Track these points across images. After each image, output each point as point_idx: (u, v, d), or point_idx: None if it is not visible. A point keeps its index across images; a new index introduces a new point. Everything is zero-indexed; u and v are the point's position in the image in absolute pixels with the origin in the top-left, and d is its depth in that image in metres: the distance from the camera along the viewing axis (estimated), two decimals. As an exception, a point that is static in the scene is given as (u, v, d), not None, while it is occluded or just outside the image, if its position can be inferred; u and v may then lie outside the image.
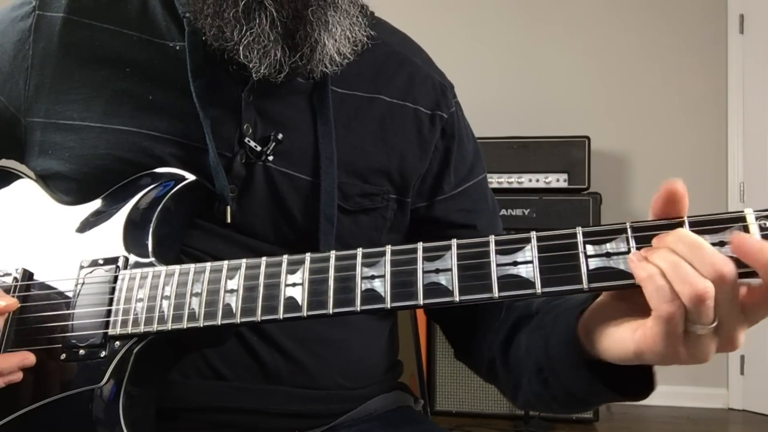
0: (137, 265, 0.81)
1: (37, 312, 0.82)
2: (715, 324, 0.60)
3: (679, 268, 0.59)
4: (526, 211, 3.29)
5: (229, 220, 0.88)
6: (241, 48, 0.84)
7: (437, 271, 0.68)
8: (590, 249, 0.64)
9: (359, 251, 0.71)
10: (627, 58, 3.98)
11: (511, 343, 0.87)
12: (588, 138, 3.39)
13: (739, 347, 0.62)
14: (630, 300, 0.66)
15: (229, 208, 0.88)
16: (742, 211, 0.61)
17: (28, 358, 0.78)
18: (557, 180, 3.37)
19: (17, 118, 0.93)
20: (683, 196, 0.63)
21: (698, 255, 0.59)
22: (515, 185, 3.39)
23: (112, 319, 0.78)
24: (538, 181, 3.37)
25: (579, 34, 4.03)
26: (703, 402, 3.77)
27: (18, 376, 0.78)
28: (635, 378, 0.72)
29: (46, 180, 0.94)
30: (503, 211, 3.30)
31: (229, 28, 0.84)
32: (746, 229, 0.60)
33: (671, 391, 3.77)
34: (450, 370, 3.28)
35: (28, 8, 0.94)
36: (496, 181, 3.38)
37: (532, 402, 0.84)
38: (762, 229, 0.60)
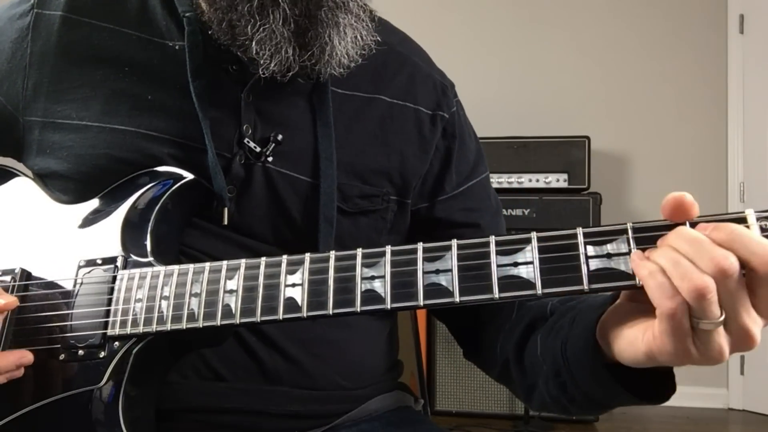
0: (136, 264, 0.81)
1: (35, 312, 0.82)
2: (722, 319, 0.59)
3: (678, 264, 0.59)
4: (526, 211, 3.29)
5: (225, 222, 0.88)
6: (253, 43, 0.84)
7: (437, 271, 0.68)
8: (591, 250, 0.64)
9: (359, 251, 0.71)
10: (627, 58, 3.98)
11: (526, 344, 0.86)
12: (588, 138, 3.39)
13: (756, 343, 0.60)
14: (643, 301, 0.64)
15: (226, 209, 0.88)
16: (743, 212, 0.61)
17: (26, 356, 0.78)
18: (557, 180, 3.36)
19: (15, 117, 0.93)
20: (692, 205, 0.62)
21: (698, 250, 0.59)
22: (515, 185, 3.39)
23: (111, 319, 0.78)
24: (538, 181, 3.37)
25: (579, 34, 4.03)
26: (703, 402, 3.76)
27: (19, 372, 0.78)
28: (654, 380, 0.71)
29: (43, 179, 0.94)
30: (503, 211, 3.29)
31: (243, 22, 0.84)
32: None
33: (671, 391, 3.76)
34: (450, 370, 3.28)
35: (27, 6, 0.94)
36: (496, 181, 3.37)
37: (548, 404, 0.83)
38: (763, 230, 0.59)
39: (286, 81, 0.88)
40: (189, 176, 0.86)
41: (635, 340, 0.64)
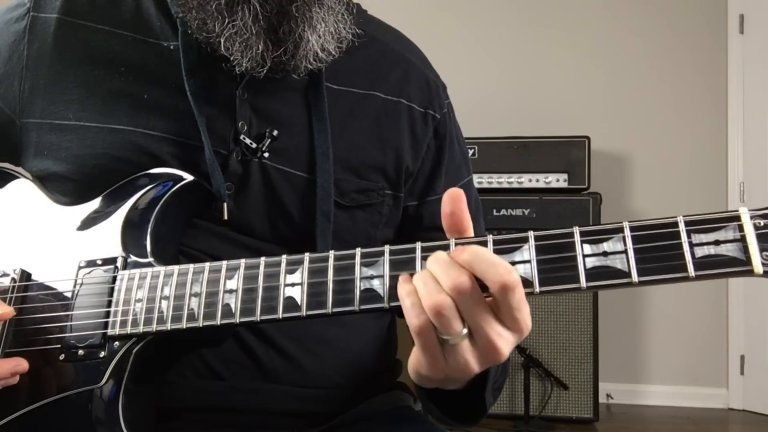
0: (136, 265, 0.81)
1: (35, 313, 0.82)
2: (464, 333, 0.63)
3: (425, 284, 0.64)
4: (526, 211, 3.30)
5: (225, 217, 0.88)
6: (222, 40, 0.85)
7: None
8: (587, 248, 0.64)
9: (358, 251, 0.71)
10: (627, 58, 3.98)
11: None
12: (588, 138, 3.39)
13: (505, 355, 0.64)
14: None
15: (225, 204, 0.88)
16: (737, 210, 0.61)
17: (20, 364, 0.78)
18: (557, 180, 3.37)
19: (12, 120, 0.93)
20: (458, 199, 0.68)
21: (441, 271, 0.63)
22: (515, 185, 3.39)
23: (111, 319, 0.78)
24: (538, 181, 3.38)
25: (579, 35, 4.03)
26: (703, 402, 3.76)
27: (14, 380, 0.78)
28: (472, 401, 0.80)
29: (42, 181, 0.94)
30: (503, 211, 3.30)
31: (211, 20, 0.85)
32: (741, 228, 0.61)
33: (671, 391, 3.77)
34: (450, 370, 3.27)
35: (23, 10, 0.94)
36: (496, 181, 3.38)
37: None
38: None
39: (272, 77, 0.89)
40: (189, 177, 0.87)
41: (409, 363, 0.70)
